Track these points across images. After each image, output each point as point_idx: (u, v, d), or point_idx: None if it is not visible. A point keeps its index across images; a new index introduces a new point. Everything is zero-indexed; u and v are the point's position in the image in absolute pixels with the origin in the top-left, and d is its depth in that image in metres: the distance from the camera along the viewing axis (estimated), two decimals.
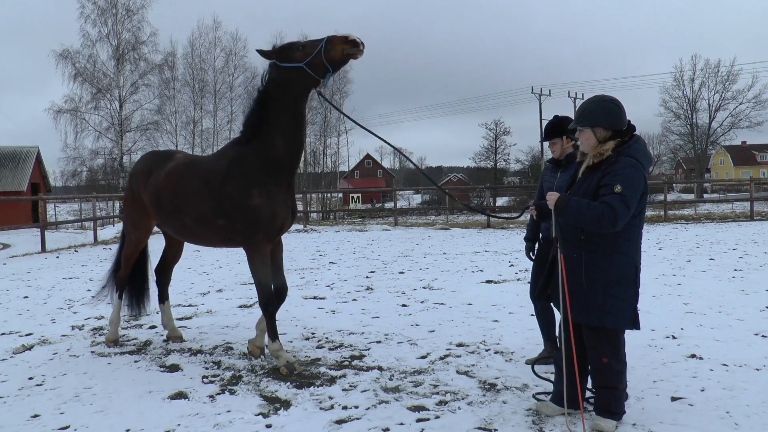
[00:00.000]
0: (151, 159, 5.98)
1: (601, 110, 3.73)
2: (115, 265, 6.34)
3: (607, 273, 3.64)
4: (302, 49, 4.76)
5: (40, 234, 17.04)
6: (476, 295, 8.04)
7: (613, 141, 3.69)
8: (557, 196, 3.71)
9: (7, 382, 4.97)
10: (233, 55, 45.30)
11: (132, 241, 6.06)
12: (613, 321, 3.66)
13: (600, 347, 3.71)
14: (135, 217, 5.97)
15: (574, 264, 3.71)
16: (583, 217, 3.55)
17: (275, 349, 5.11)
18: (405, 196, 68.72)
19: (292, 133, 4.98)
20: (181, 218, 5.40)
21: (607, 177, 3.58)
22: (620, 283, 3.66)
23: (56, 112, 34.35)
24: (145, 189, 5.73)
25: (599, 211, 3.50)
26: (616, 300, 3.64)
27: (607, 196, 3.52)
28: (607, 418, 3.70)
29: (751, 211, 21.51)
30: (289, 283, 9.48)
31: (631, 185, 3.53)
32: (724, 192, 58.42)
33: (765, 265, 10.13)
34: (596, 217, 3.50)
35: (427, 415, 4.02)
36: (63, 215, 41.96)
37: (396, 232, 19.96)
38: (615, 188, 3.51)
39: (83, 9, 34.63)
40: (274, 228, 5.11)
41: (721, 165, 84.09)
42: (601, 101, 3.79)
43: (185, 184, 5.37)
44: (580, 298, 3.69)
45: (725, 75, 55.70)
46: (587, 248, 3.68)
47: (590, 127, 3.74)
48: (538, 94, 50.38)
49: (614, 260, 3.64)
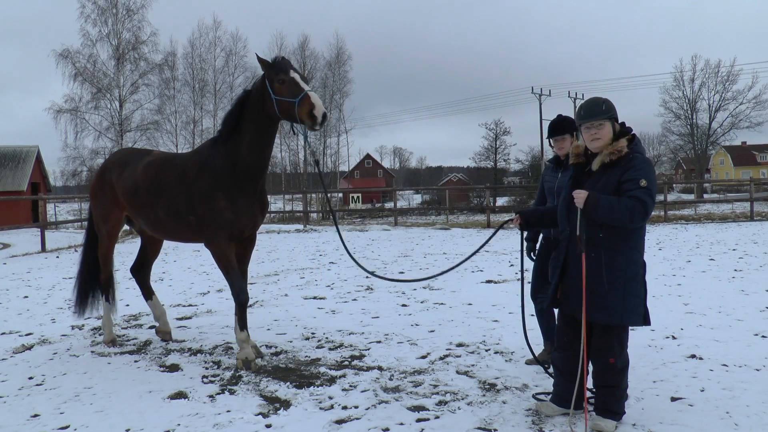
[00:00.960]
0: (128, 153, 6.10)
1: (609, 105, 3.79)
2: (81, 270, 6.26)
3: (625, 270, 3.66)
4: (282, 83, 4.80)
5: (40, 234, 17.03)
6: (476, 295, 8.05)
7: (625, 139, 3.72)
8: (586, 194, 3.63)
9: (7, 381, 4.97)
10: (233, 55, 45.40)
11: (104, 236, 6.07)
12: (632, 318, 3.69)
13: (611, 346, 3.71)
14: (106, 209, 5.98)
15: (593, 263, 3.68)
16: (614, 213, 3.55)
17: (241, 339, 5.20)
18: (405, 196, 68.72)
19: (259, 149, 5.12)
20: (155, 211, 5.48)
21: (629, 173, 3.61)
22: (635, 280, 3.69)
23: (56, 112, 34.32)
24: (119, 179, 5.77)
25: (630, 206, 3.52)
26: (633, 297, 3.67)
27: (634, 190, 3.55)
28: (607, 418, 3.70)
29: (751, 212, 21.51)
30: (289, 283, 9.56)
31: (652, 180, 3.61)
32: (724, 192, 58.35)
33: (765, 265, 10.13)
34: (628, 212, 3.52)
35: (427, 415, 4.02)
36: (63, 215, 41.99)
37: (396, 232, 19.95)
38: (641, 182, 3.56)
39: (83, 9, 34.62)
40: (235, 230, 5.22)
41: (721, 165, 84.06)
42: (602, 98, 3.85)
43: (162, 176, 5.47)
44: (601, 298, 3.66)
45: (725, 75, 55.73)
46: (606, 246, 3.68)
47: (609, 120, 3.75)
48: (538, 94, 50.34)
49: (630, 257, 3.68)
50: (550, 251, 4.63)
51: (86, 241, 6.32)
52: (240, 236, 5.34)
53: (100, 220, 6.06)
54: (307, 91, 4.72)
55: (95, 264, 6.22)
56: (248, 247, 5.62)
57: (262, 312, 7.38)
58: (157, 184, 5.47)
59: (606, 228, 3.64)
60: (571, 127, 4.74)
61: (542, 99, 50.44)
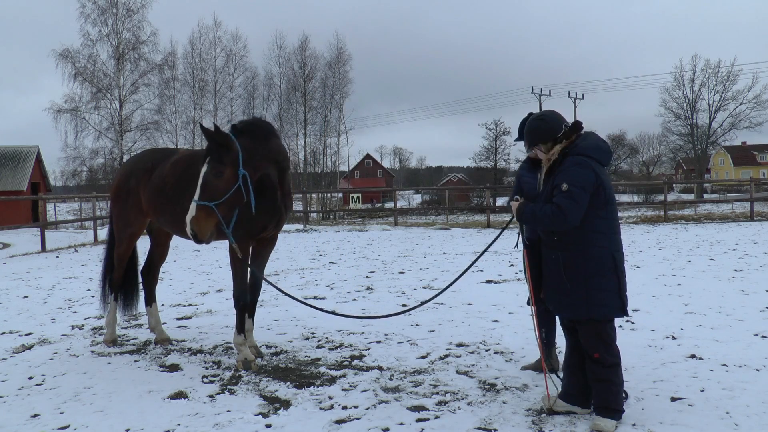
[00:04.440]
0: (153, 156, 6.00)
1: (531, 130, 4.02)
2: (105, 267, 6.31)
3: (585, 267, 3.76)
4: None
5: (40, 234, 17.04)
6: (476, 295, 8.04)
7: (560, 144, 3.89)
8: (517, 203, 3.98)
9: (7, 381, 4.97)
10: (233, 55, 45.41)
11: (123, 240, 6.05)
12: (600, 311, 3.75)
13: (590, 342, 3.79)
14: (129, 215, 5.95)
15: (553, 264, 3.88)
16: (537, 220, 3.82)
17: (237, 342, 5.18)
18: (405, 196, 68.72)
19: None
20: (182, 205, 5.38)
21: (557, 177, 3.79)
22: (600, 274, 3.75)
23: (56, 112, 34.39)
24: (146, 186, 5.73)
25: (549, 211, 3.73)
26: (599, 291, 3.74)
27: (556, 196, 3.73)
28: (606, 418, 3.71)
29: (751, 212, 21.51)
30: (289, 283, 9.56)
31: (577, 181, 3.69)
32: (724, 192, 58.42)
33: (765, 265, 10.13)
34: (548, 218, 3.74)
35: (427, 415, 4.02)
36: (63, 215, 41.98)
37: (396, 232, 19.96)
38: (562, 187, 3.72)
39: (83, 8, 34.69)
40: (255, 228, 5.13)
41: (721, 165, 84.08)
42: (530, 121, 4.10)
43: (189, 171, 5.41)
44: (565, 295, 3.82)
45: (725, 75, 55.79)
46: (561, 247, 3.84)
47: (533, 147, 4.04)
48: (538, 94, 50.38)
49: (588, 254, 3.76)
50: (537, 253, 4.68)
51: (109, 239, 6.31)
52: (263, 233, 5.25)
53: (122, 224, 6.03)
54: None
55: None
56: (268, 246, 5.54)
57: (262, 312, 7.37)
58: (184, 179, 5.41)
59: (558, 231, 3.82)
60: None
61: (542, 99, 50.50)
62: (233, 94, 45.74)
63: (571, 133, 3.89)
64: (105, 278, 6.29)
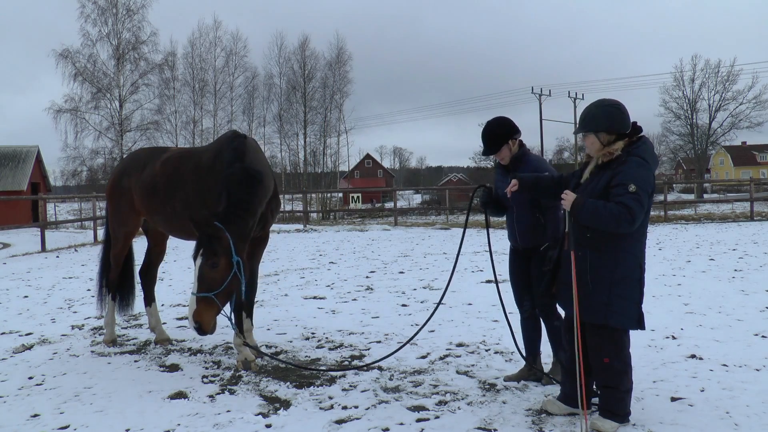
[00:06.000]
0: (145, 154, 6.04)
1: (603, 115, 3.75)
2: (102, 267, 6.31)
3: (612, 271, 3.64)
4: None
5: (40, 233, 17.04)
6: (476, 295, 8.03)
7: (622, 141, 3.71)
8: (573, 196, 3.67)
9: (7, 381, 4.97)
10: (233, 55, 45.44)
11: (119, 239, 6.07)
12: (618, 320, 3.66)
13: (602, 346, 3.71)
14: (123, 215, 5.98)
15: (579, 262, 3.71)
16: (599, 218, 3.54)
17: (236, 344, 5.17)
18: (405, 196, 68.68)
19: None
20: (172, 205, 5.45)
21: (619, 176, 3.59)
22: (625, 282, 3.65)
23: (56, 112, 34.38)
24: (137, 184, 5.76)
25: (616, 212, 3.50)
26: (620, 299, 3.64)
27: (622, 196, 3.53)
28: (607, 419, 3.70)
29: (751, 212, 21.51)
30: (289, 283, 9.55)
31: (644, 184, 3.55)
32: (724, 192, 58.37)
33: (765, 265, 10.13)
34: (614, 218, 3.50)
35: (427, 415, 4.02)
36: (63, 215, 42.01)
37: (396, 232, 19.96)
38: (629, 187, 3.52)
39: (83, 8, 34.68)
40: None
41: (721, 165, 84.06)
42: (603, 106, 3.81)
43: (180, 170, 5.47)
44: (586, 297, 3.69)
45: (725, 75, 55.77)
46: (592, 246, 3.68)
47: (593, 132, 3.77)
48: (538, 94, 50.33)
49: (619, 258, 3.65)
50: (520, 262, 4.71)
51: (106, 239, 6.32)
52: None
53: (117, 223, 6.06)
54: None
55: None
56: (259, 245, 5.57)
57: (262, 312, 7.37)
58: (174, 178, 5.45)
59: (593, 228, 3.64)
60: (503, 137, 4.48)
61: (542, 99, 50.45)
62: (233, 94, 45.79)
63: (634, 133, 3.76)
64: (102, 278, 6.29)
